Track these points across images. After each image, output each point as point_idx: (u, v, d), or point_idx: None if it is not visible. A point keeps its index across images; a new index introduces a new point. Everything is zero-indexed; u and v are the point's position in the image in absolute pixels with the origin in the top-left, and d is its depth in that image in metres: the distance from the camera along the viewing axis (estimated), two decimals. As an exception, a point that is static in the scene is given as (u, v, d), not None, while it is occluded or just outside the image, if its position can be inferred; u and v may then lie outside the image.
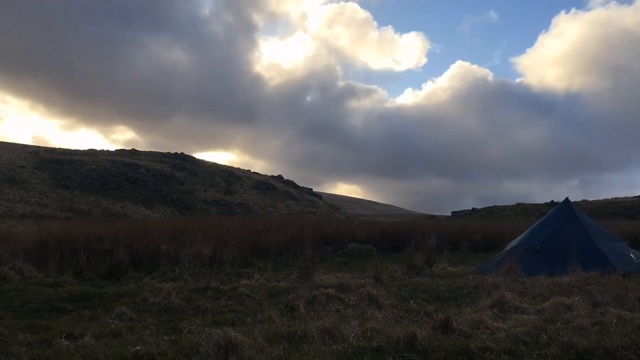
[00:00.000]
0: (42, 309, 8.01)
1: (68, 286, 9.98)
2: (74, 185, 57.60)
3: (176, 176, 68.70)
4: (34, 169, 59.64)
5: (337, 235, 19.12)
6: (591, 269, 10.20)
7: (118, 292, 9.37)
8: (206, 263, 13.35)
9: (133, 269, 12.25)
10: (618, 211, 53.29)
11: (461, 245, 20.36)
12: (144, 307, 7.94)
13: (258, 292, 9.16)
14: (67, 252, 12.97)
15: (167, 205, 59.25)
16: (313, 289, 8.50)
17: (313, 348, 4.86)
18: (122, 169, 65.26)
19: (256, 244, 15.98)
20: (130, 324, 6.74)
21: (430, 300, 8.33)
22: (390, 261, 14.40)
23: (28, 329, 6.29)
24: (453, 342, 4.95)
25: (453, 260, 15.23)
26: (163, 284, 10.13)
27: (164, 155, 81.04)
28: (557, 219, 12.93)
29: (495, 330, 5.62)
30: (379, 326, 5.94)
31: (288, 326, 5.90)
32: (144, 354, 4.97)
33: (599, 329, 5.35)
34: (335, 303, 7.79)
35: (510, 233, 18.21)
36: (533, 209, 61.57)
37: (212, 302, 8.33)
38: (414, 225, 23.24)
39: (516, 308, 7.07)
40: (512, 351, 4.75)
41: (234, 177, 78.88)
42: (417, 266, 11.73)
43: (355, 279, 11.20)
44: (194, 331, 6.13)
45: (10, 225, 21.86)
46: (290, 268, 13.35)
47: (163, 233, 15.65)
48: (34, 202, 47.69)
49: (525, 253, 11.79)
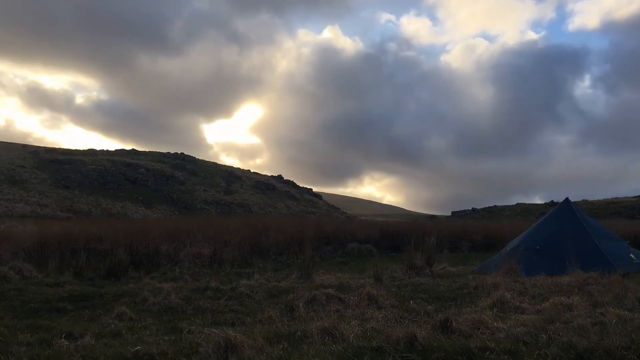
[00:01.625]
0: (42, 309, 8.01)
1: (68, 286, 9.98)
2: (74, 185, 57.60)
3: (176, 176, 68.68)
4: (34, 169, 59.63)
5: (337, 235, 19.12)
6: (591, 269, 10.19)
7: (118, 292, 9.37)
8: (206, 263, 13.36)
9: (133, 269, 12.26)
10: (618, 211, 53.28)
11: (461, 245, 20.37)
12: (144, 307, 7.94)
13: (258, 292, 9.16)
14: (67, 252, 12.97)
15: (167, 205, 59.24)
16: (313, 289, 8.50)
17: (313, 348, 4.86)
18: (122, 169, 65.25)
19: (256, 244, 15.98)
20: (130, 324, 6.75)
21: (430, 300, 8.32)
22: (390, 261, 14.40)
23: (28, 329, 6.29)
24: (453, 342, 4.95)
25: (453, 260, 15.23)
26: (163, 284, 10.13)
27: (164, 155, 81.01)
28: (557, 219, 12.92)
29: (495, 330, 5.61)
30: (379, 326, 5.94)
31: (288, 326, 5.89)
32: (144, 354, 4.97)
33: (599, 329, 5.35)
34: (335, 303, 7.79)
35: (510, 233, 18.20)
36: (533, 209, 61.57)
37: (212, 302, 8.33)
38: (414, 225, 23.23)
39: (516, 308, 7.07)
40: (512, 351, 4.74)
41: (234, 177, 78.87)
42: (417, 266, 11.72)
43: (355, 279, 11.20)
44: (194, 331, 6.13)
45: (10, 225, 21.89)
46: (290, 268, 13.35)
47: (163, 233, 15.65)
48: (34, 202, 47.69)
49: (525, 253, 11.78)
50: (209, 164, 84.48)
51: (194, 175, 73.51)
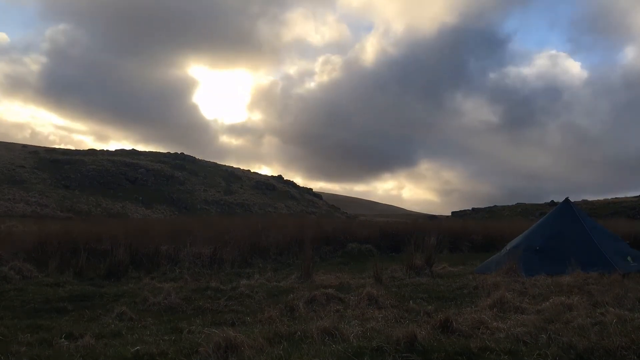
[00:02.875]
0: (42, 309, 8.01)
1: (68, 286, 9.98)
2: (74, 185, 57.62)
3: (176, 176, 68.72)
4: (34, 169, 59.66)
5: (337, 235, 19.10)
6: (591, 269, 10.19)
7: (118, 292, 9.37)
8: (206, 263, 13.36)
9: (133, 269, 12.25)
10: (618, 211, 53.22)
11: (461, 245, 20.34)
12: (144, 307, 7.94)
13: (258, 292, 9.16)
14: (67, 252, 12.95)
15: (167, 205, 59.26)
16: (313, 289, 8.50)
17: (313, 348, 4.86)
18: (122, 169, 65.27)
19: (256, 244, 15.97)
20: (130, 324, 6.75)
21: (430, 300, 8.32)
22: (390, 261, 14.38)
23: (28, 329, 6.29)
24: (453, 342, 4.95)
25: (453, 260, 15.21)
26: (163, 284, 10.13)
27: (164, 155, 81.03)
28: (557, 219, 12.91)
29: (495, 330, 5.61)
30: (379, 326, 5.94)
31: (288, 326, 5.89)
32: (144, 354, 4.97)
33: (599, 329, 5.35)
34: (335, 303, 7.79)
35: (510, 233, 18.17)
36: (533, 209, 61.52)
37: (212, 302, 8.33)
38: (414, 225, 23.23)
39: (516, 308, 7.06)
40: (512, 351, 4.74)
41: (234, 177, 78.91)
42: (417, 266, 11.72)
43: (355, 279, 11.19)
44: (194, 331, 6.13)
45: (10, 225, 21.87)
46: (290, 268, 13.35)
47: (163, 233, 15.65)
48: (34, 202, 47.72)
49: (525, 253, 11.77)
50: (209, 164, 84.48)
51: (194, 175, 73.54)
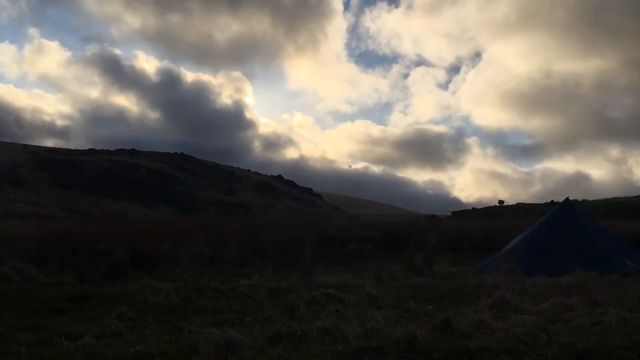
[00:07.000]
0: (42, 309, 8.00)
1: (68, 286, 9.97)
2: (74, 185, 57.60)
3: (176, 176, 68.72)
4: (34, 169, 59.65)
5: (337, 235, 19.12)
6: (591, 269, 10.20)
7: (118, 292, 9.36)
8: (206, 263, 13.35)
9: (133, 269, 12.25)
10: (618, 211, 53.26)
11: (461, 245, 20.33)
12: (144, 307, 7.93)
13: (258, 292, 9.15)
14: (67, 252, 12.96)
15: (167, 205, 59.21)
16: (313, 289, 8.49)
17: (313, 348, 4.87)
18: (122, 169, 65.29)
19: (256, 244, 15.97)
20: (131, 324, 6.74)
21: (430, 300, 8.32)
22: (390, 261, 14.37)
23: (28, 329, 6.28)
24: (453, 342, 4.95)
25: (453, 260, 15.20)
26: (163, 284, 10.12)
27: (164, 155, 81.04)
28: (557, 219, 12.92)
29: (495, 330, 5.61)
30: (379, 326, 5.93)
31: (288, 326, 5.89)
32: (144, 354, 4.97)
33: (599, 329, 5.35)
34: (336, 303, 7.78)
35: (510, 233, 18.18)
36: (533, 209, 61.54)
37: (212, 302, 8.33)
38: (414, 225, 23.25)
39: (516, 308, 7.06)
40: (512, 351, 4.75)
41: (234, 177, 78.90)
42: (417, 266, 11.72)
43: (355, 279, 11.18)
44: (194, 331, 6.12)
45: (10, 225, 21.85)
46: (290, 268, 13.34)
47: (163, 233, 15.65)
48: (34, 202, 47.70)
49: (525, 253, 11.78)
50: (209, 164, 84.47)
51: (194, 175, 73.54)
